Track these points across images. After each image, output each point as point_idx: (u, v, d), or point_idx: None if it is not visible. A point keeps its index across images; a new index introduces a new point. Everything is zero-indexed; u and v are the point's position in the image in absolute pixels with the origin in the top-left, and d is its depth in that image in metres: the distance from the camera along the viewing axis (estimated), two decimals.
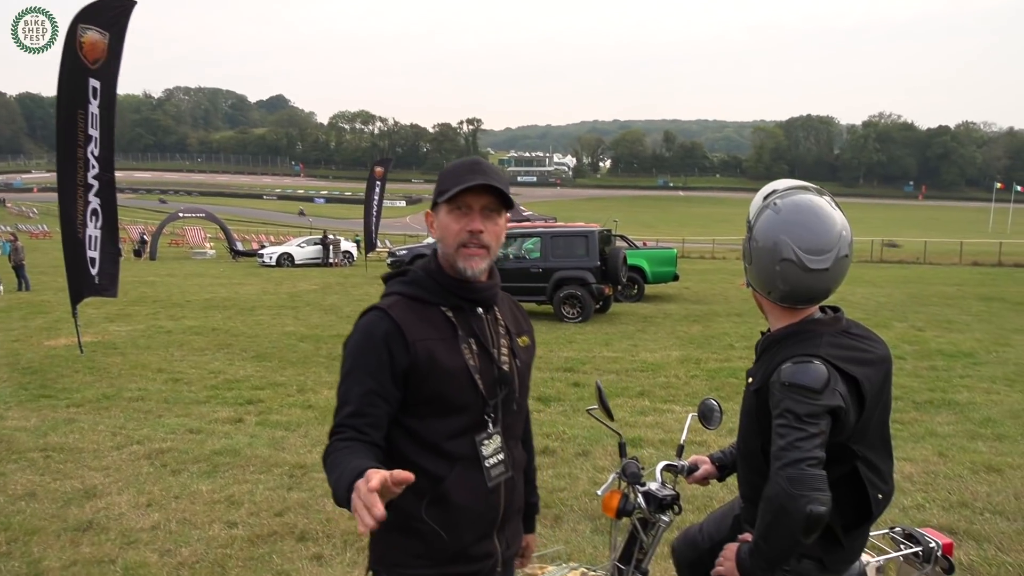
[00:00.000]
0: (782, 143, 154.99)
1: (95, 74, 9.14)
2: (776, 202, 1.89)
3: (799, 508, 1.64)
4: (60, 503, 4.60)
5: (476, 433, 1.71)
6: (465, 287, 1.74)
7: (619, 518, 2.02)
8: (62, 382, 8.34)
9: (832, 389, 1.72)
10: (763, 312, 2.02)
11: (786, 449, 1.68)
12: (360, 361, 1.65)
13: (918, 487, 4.81)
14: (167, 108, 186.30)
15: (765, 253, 1.86)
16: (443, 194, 1.69)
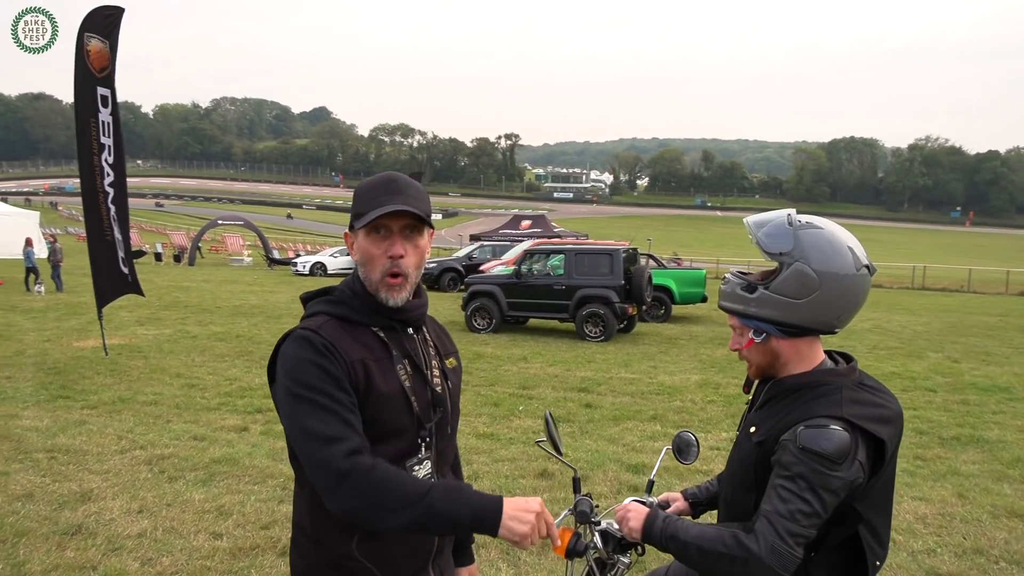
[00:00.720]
0: (824, 165, 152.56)
1: (102, 83, 9.35)
2: (803, 220, 1.76)
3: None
4: (55, 506, 4.62)
5: (407, 459, 1.62)
6: (389, 309, 1.66)
7: (569, 558, 1.89)
8: (82, 384, 8.47)
9: (852, 459, 1.60)
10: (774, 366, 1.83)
11: (785, 518, 1.57)
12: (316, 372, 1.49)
13: (931, 530, 4.57)
14: (214, 118, 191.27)
15: (840, 271, 1.69)
16: (360, 218, 1.59)
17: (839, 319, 1.76)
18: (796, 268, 1.71)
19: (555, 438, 1.92)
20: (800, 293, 1.71)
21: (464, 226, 76.71)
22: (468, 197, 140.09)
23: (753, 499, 1.76)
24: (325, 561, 1.58)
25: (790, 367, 1.82)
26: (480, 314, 14.52)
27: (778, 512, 1.58)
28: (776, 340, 1.80)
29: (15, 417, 6.79)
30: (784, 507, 1.58)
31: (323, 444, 1.45)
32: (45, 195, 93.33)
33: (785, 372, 1.83)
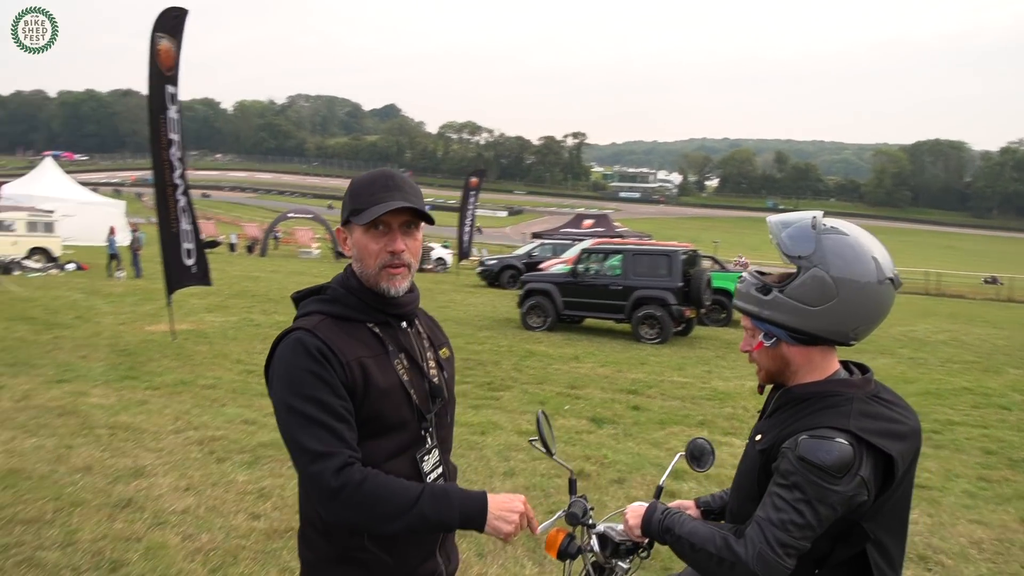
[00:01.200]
0: (905, 168, 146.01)
1: (170, 80, 9.80)
2: (834, 225, 1.69)
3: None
4: (110, 479, 4.86)
5: (415, 451, 1.66)
6: (390, 303, 1.69)
7: (561, 559, 1.87)
8: (149, 366, 8.87)
9: (853, 474, 1.53)
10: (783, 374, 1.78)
11: (776, 526, 1.54)
12: (307, 379, 1.52)
13: (985, 556, 4.33)
14: (289, 114, 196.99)
15: (860, 279, 1.62)
16: (358, 214, 1.61)
17: (855, 331, 1.68)
18: (814, 274, 1.64)
19: (546, 438, 1.89)
20: (816, 300, 1.64)
21: (528, 224, 76.72)
22: (533, 195, 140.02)
23: (756, 509, 1.72)
24: (336, 554, 1.61)
25: (800, 375, 1.75)
26: (535, 312, 14.52)
27: (770, 520, 1.55)
28: (787, 346, 1.73)
29: (84, 395, 7.17)
30: (776, 516, 1.55)
31: (313, 460, 1.48)
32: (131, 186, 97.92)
33: (795, 380, 1.76)
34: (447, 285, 25.35)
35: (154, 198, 10.35)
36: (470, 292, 23.06)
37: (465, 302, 19.56)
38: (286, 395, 1.52)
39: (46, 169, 37.97)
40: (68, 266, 23.12)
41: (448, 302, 19.21)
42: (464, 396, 7.80)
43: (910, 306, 26.79)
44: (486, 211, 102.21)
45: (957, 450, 6.73)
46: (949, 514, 4.99)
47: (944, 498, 5.32)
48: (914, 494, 5.20)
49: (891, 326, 18.74)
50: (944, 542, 4.49)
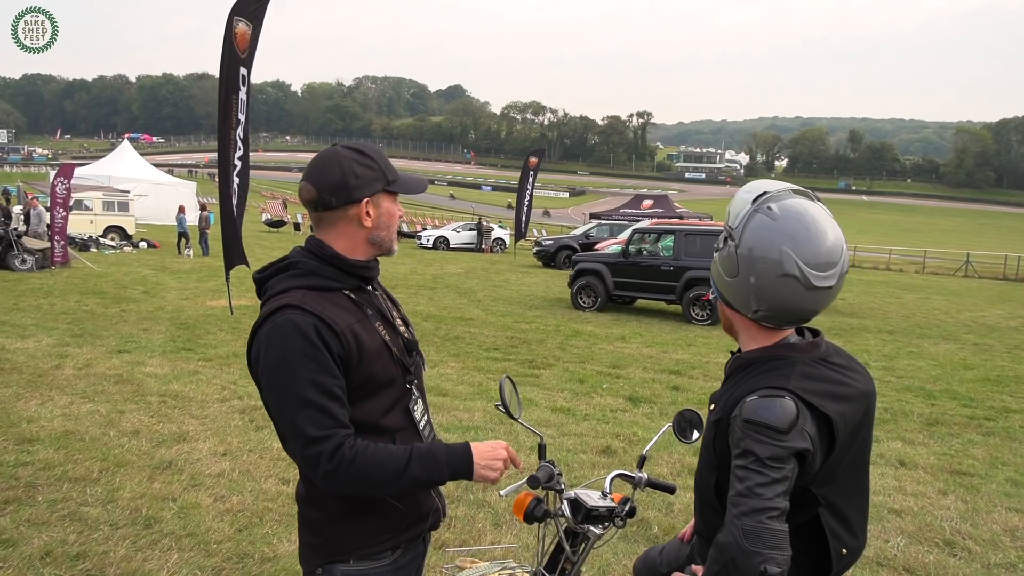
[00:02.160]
0: (989, 147, 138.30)
1: (244, 63, 10.06)
2: (771, 206, 1.64)
3: (752, 566, 1.48)
4: (155, 443, 5.15)
5: (406, 402, 1.76)
6: (365, 268, 1.74)
7: (528, 522, 1.90)
8: (206, 339, 9.27)
9: (800, 429, 1.52)
10: (732, 331, 1.82)
11: (745, 495, 1.50)
12: (303, 362, 1.54)
13: (1018, 544, 4.16)
14: (356, 96, 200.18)
15: (759, 265, 1.61)
16: (394, 183, 1.74)
17: (757, 313, 1.66)
18: (729, 247, 1.67)
19: (508, 402, 1.92)
20: (728, 272, 1.69)
21: (589, 205, 76.26)
22: (597, 176, 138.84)
23: (714, 479, 1.71)
24: (353, 509, 1.67)
25: (744, 340, 1.76)
26: (585, 292, 14.48)
27: (739, 493, 1.52)
28: (723, 305, 1.77)
29: (141, 364, 7.57)
30: (742, 486, 1.52)
31: (308, 444, 1.53)
32: (205, 167, 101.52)
33: (741, 342, 1.78)
34: (503, 265, 25.49)
35: (218, 178, 10.74)
36: (525, 272, 23.13)
37: (519, 282, 19.64)
38: (281, 378, 1.55)
39: (124, 151, 39.74)
40: (141, 244, 24.24)
41: (502, 282, 19.33)
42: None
43: (984, 292, 25.53)
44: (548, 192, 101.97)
45: (1009, 438, 6.44)
46: (986, 501, 4.80)
47: (985, 485, 5.12)
48: (952, 480, 5.06)
49: (960, 312, 17.94)
50: (975, 528, 4.33)
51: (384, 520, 1.70)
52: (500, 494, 1.88)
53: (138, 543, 3.65)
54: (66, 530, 3.73)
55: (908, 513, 4.54)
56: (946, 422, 6.91)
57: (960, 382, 8.93)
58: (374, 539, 1.69)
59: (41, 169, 75.47)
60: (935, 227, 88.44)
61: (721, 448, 1.67)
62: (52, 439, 5.08)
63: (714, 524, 1.77)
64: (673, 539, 2.30)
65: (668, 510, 4.38)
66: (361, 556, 1.68)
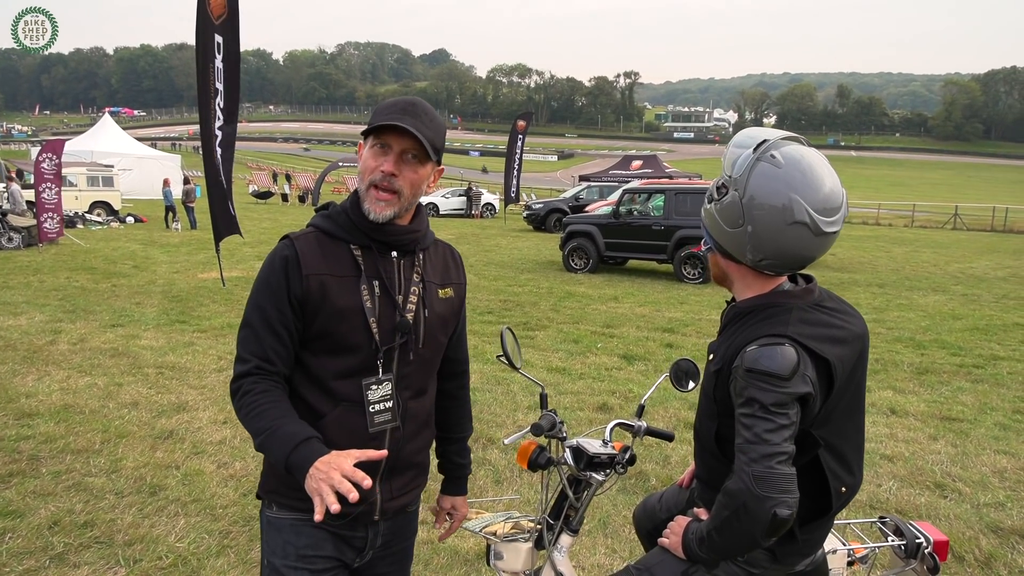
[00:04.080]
0: (977, 99, 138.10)
1: (219, 30, 9.83)
2: (773, 154, 1.63)
3: (763, 510, 1.52)
4: (154, 413, 5.17)
5: (363, 377, 1.67)
6: (376, 228, 1.66)
7: (532, 470, 1.95)
8: (199, 311, 9.26)
9: (801, 375, 1.55)
10: (726, 281, 1.82)
11: (753, 442, 1.53)
12: (262, 287, 1.65)
13: (1006, 484, 4.27)
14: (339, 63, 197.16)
15: (766, 214, 1.61)
16: (367, 128, 1.66)
17: (761, 263, 1.67)
18: (732, 197, 1.65)
19: (510, 353, 1.95)
20: (730, 222, 1.67)
21: (578, 167, 75.77)
22: (585, 138, 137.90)
23: (715, 427, 1.75)
24: None
25: (739, 289, 1.78)
26: (577, 254, 14.50)
27: (746, 440, 1.55)
28: (718, 256, 1.78)
29: (136, 337, 7.56)
30: (749, 433, 1.55)
31: (235, 360, 1.65)
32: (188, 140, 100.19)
33: (736, 291, 1.80)
34: (494, 230, 25.43)
35: (202, 149, 10.58)
36: (516, 236, 23.10)
37: (511, 246, 19.63)
38: (250, 295, 1.68)
39: (105, 125, 39.11)
40: (128, 219, 24.02)
41: (493, 246, 19.32)
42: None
43: (972, 243, 25.72)
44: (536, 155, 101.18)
45: (997, 384, 6.56)
46: (975, 445, 4.91)
47: (974, 430, 5.23)
48: (942, 426, 5.16)
49: (948, 264, 18.09)
50: (965, 471, 4.44)
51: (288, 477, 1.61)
52: (504, 442, 1.91)
53: (144, 510, 3.69)
54: (72, 500, 3.77)
55: (900, 458, 4.63)
56: (936, 371, 7.02)
57: (949, 332, 9.05)
58: (287, 491, 1.67)
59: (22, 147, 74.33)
60: (924, 180, 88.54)
61: (722, 397, 1.70)
62: (52, 413, 5.09)
63: (715, 469, 1.81)
64: (671, 485, 2.34)
65: (665, 462, 4.46)
66: (281, 505, 1.70)
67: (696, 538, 1.68)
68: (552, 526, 2.04)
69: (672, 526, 1.81)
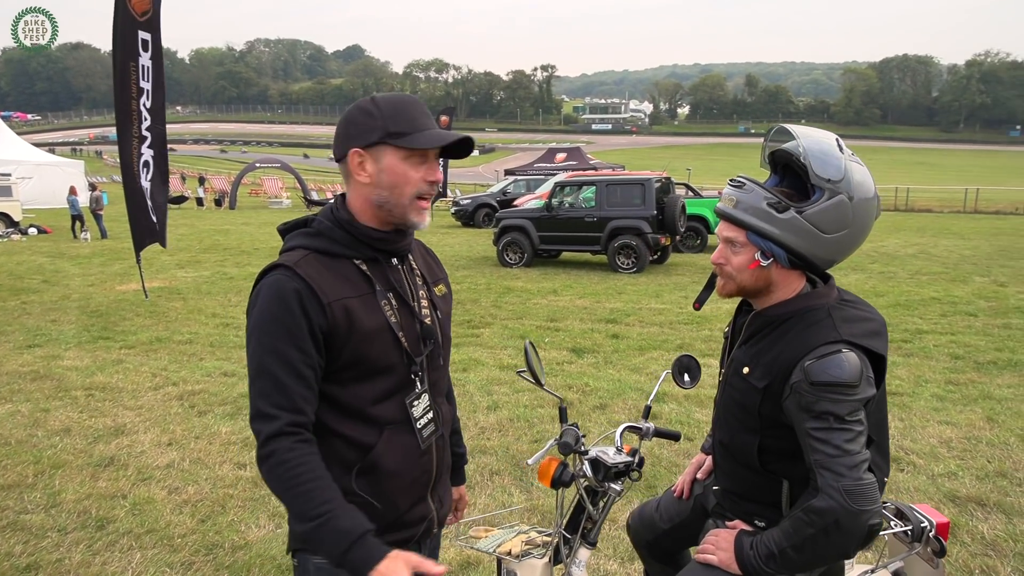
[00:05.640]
0: (874, 86, 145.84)
1: (144, 26, 9.31)
2: (851, 153, 1.65)
3: (859, 524, 1.49)
4: (90, 439, 4.83)
5: (404, 395, 1.59)
6: (382, 238, 1.57)
7: (555, 488, 1.87)
8: (123, 325, 8.75)
9: (867, 377, 1.54)
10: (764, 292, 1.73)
11: (836, 456, 1.50)
12: (273, 329, 1.45)
13: (954, 454, 4.48)
14: (249, 60, 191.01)
15: (866, 211, 1.62)
16: (402, 137, 1.50)
17: (841, 259, 1.69)
18: (840, 200, 1.59)
19: (534, 368, 1.87)
20: (832, 227, 1.60)
21: (500, 162, 75.92)
22: (505, 132, 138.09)
23: (756, 442, 1.71)
24: None
25: (774, 296, 1.72)
26: (512, 249, 14.48)
27: (827, 455, 1.51)
28: (778, 267, 1.68)
29: (57, 358, 7.07)
30: (829, 448, 1.51)
31: (255, 417, 1.46)
32: (90, 144, 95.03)
33: (766, 300, 1.74)
34: None
35: (119, 153, 9.98)
36: (446, 233, 22.91)
37: (441, 243, 19.44)
38: (253, 340, 1.46)
39: None
40: (30, 230, 22.54)
41: (426, 243, 19.06)
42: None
43: (880, 223, 27.02)
44: None
45: (926, 357, 6.90)
46: (920, 417, 5.14)
47: (915, 403, 5.47)
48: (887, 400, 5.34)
49: None
50: (915, 443, 4.63)
51: None
52: (528, 463, 1.82)
53: (93, 546, 3.43)
54: (10, 542, 3.46)
55: None
56: None
57: None
58: None
59: None
60: None
61: (769, 412, 1.66)
62: None
63: (750, 482, 1.77)
64: (666, 494, 2.29)
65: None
66: None
67: (762, 555, 1.62)
68: (568, 540, 1.98)
69: (716, 541, 1.74)
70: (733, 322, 1.91)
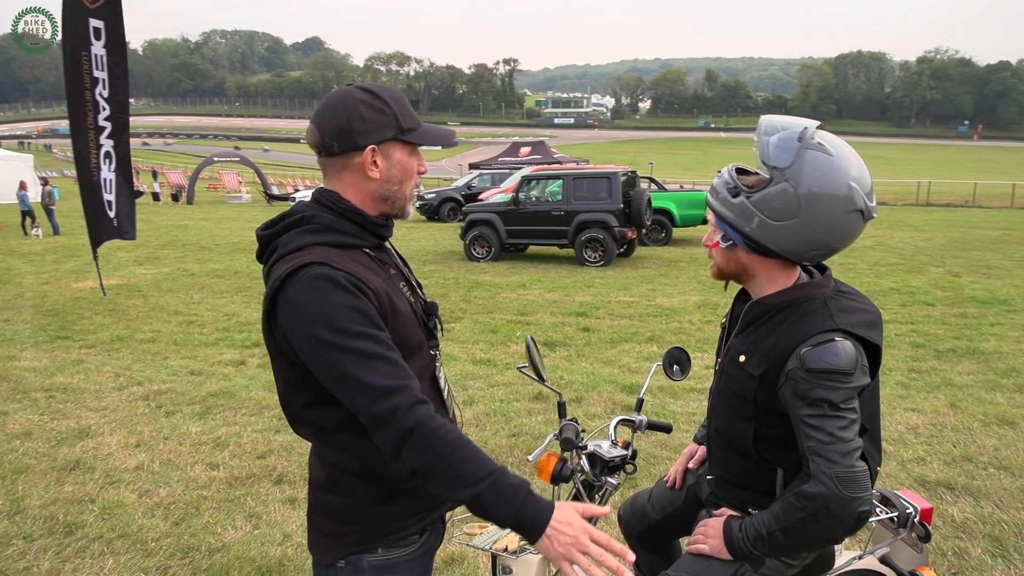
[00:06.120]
0: (830, 81, 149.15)
1: (95, 14, 9.02)
2: (819, 142, 1.59)
3: (849, 511, 1.51)
4: (53, 443, 4.68)
5: (432, 369, 1.61)
6: (384, 225, 1.57)
7: (555, 484, 1.86)
8: (81, 324, 8.49)
9: (861, 366, 1.55)
10: (744, 277, 1.75)
11: (829, 442, 1.51)
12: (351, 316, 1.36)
13: (921, 439, 4.60)
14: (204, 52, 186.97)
15: (828, 203, 1.56)
16: (410, 133, 1.52)
17: (809, 254, 1.65)
18: (783, 188, 1.57)
19: (536, 363, 1.85)
20: (778, 215, 1.59)
21: (464, 155, 75.54)
22: (467, 126, 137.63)
23: (751, 429, 1.72)
24: (387, 491, 1.52)
25: (761, 284, 1.74)
26: (479, 243, 14.43)
27: (821, 442, 1.53)
28: (743, 252, 1.71)
29: (13, 359, 6.83)
30: (822, 434, 1.53)
31: (381, 397, 1.33)
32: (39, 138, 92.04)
33: (756, 287, 1.76)
34: None
35: (72, 146, 9.67)
36: (411, 227, 22.73)
37: (407, 237, 19.29)
38: (327, 334, 1.34)
39: None
40: None
41: None
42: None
43: None
44: None
45: (889, 346, 7.06)
46: (887, 404, 5.26)
47: (881, 390, 5.59)
48: None
49: None
50: (884, 430, 4.70)
51: (414, 500, 1.56)
52: (529, 459, 1.81)
53: (62, 553, 3.32)
54: None
55: None
56: None
57: None
58: (404, 522, 1.56)
59: None
60: None
61: (765, 400, 1.67)
62: None
63: (746, 470, 1.78)
64: (658, 484, 2.30)
65: None
66: (390, 543, 1.54)
67: (750, 537, 1.65)
68: None
69: (705, 530, 1.77)
70: (731, 312, 1.93)
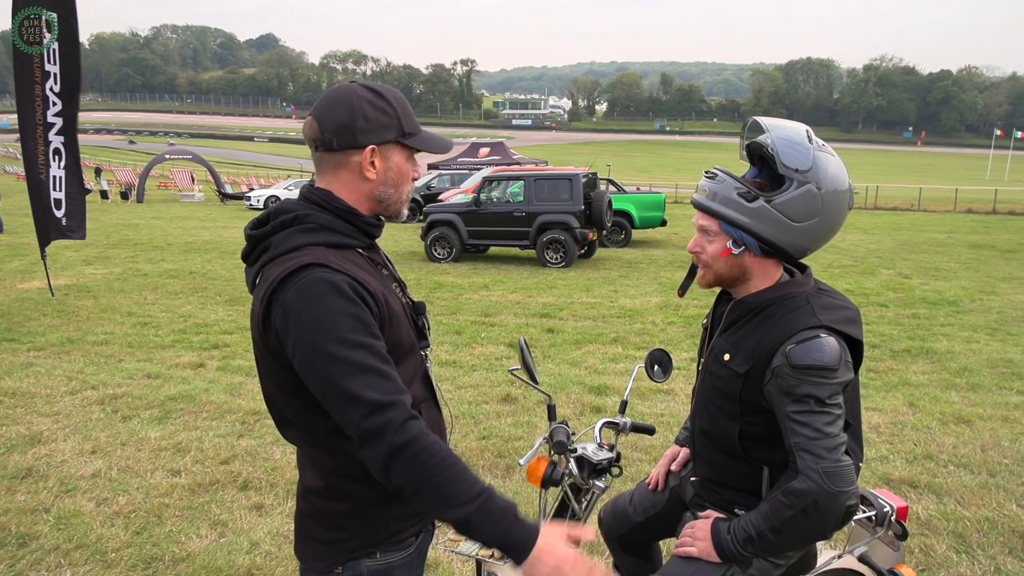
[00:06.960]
0: (781, 87, 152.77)
1: (48, 5, 8.70)
2: (822, 143, 1.68)
3: (837, 506, 1.52)
4: (2, 450, 4.47)
5: (424, 369, 1.59)
6: (377, 225, 1.55)
7: (545, 488, 1.83)
8: (28, 325, 8.17)
9: (845, 362, 1.58)
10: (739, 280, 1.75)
11: (816, 438, 1.53)
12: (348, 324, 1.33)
13: (884, 438, 4.71)
14: (155, 47, 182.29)
15: (838, 202, 1.65)
16: (411, 137, 1.51)
17: (813, 250, 1.72)
18: (809, 190, 1.62)
19: (530, 365, 1.82)
20: (801, 216, 1.63)
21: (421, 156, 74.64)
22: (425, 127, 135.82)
23: (736, 428, 1.73)
24: (386, 494, 1.48)
25: (752, 284, 1.75)
26: (440, 244, 14.35)
27: (807, 438, 1.55)
28: (751, 255, 1.71)
29: None
30: (808, 430, 1.55)
31: (373, 412, 1.30)
32: None
33: (744, 289, 1.77)
34: None
35: (21, 143, 9.30)
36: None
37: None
38: (322, 342, 1.31)
39: None
40: None
41: None
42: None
43: None
44: None
45: None
46: None
47: None
48: None
49: None
50: None
51: (408, 506, 1.53)
52: (520, 463, 1.78)
53: (16, 565, 3.17)
54: None
55: None
56: None
57: None
58: (404, 524, 1.53)
59: None
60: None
61: (750, 398, 1.68)
62: None
63: (731, 469, 1.79)
64: (639, 486, 2.30)
65: None
66: (389, 546, 1.51)
67: (739, 539, 1.65)
68: None
69: (692, 532, 1.77)
70: (713, 312, 1.93)
